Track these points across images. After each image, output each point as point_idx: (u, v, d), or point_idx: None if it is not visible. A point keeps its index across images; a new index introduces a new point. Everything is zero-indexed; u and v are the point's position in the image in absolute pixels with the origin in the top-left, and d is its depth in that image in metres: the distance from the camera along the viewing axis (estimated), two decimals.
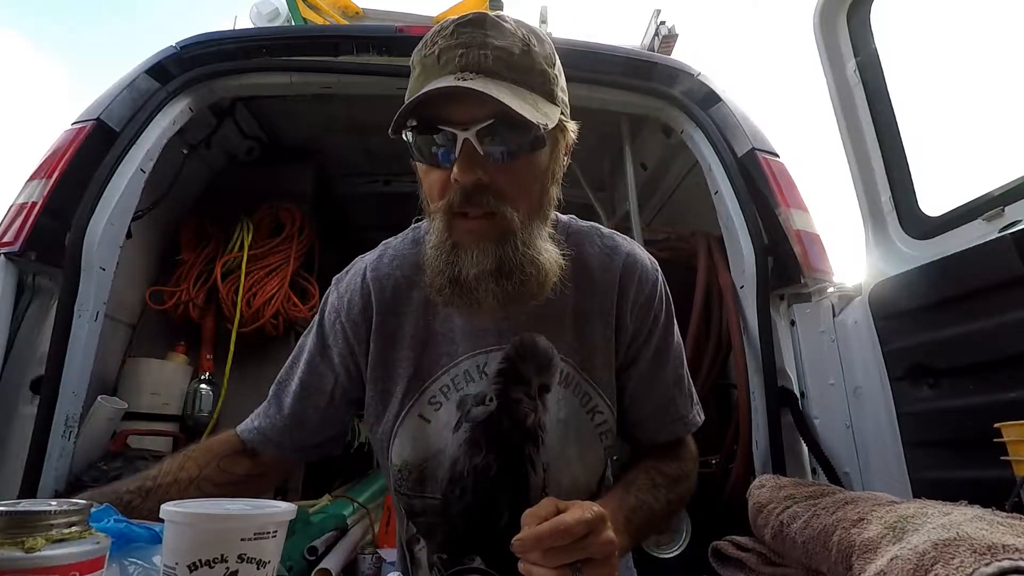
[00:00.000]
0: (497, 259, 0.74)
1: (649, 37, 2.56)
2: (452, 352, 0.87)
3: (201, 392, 2.32)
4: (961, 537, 0.63)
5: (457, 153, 0.70)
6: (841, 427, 1.49)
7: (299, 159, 2.94)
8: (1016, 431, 0.98)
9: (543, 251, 0.77)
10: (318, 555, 1.71)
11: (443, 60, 0.71)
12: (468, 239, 0.75)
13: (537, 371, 0.86)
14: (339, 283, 0.96)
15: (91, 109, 1.67)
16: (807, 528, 0.94)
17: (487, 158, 0.71)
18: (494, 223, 0.74)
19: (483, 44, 0.71)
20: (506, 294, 0.75)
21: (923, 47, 1.62)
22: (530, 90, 0.73)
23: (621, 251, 0.93)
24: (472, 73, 0.69)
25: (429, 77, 0.72)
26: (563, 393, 0.88)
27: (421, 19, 3.01)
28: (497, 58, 0.71)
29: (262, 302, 2.44)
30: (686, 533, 1.77)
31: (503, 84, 0.70)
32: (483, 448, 0.85)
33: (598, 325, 0.90)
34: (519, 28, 0.74)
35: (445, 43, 0.72)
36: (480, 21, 0.72)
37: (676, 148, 2.35)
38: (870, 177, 1.53)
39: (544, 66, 0.76)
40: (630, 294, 0.91)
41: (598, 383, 0.90)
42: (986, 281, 1.16)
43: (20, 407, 1.39)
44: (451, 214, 0.75)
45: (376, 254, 0.96)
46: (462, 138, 0.70)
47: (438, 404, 0.87)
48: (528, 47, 0.73)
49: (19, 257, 1.43)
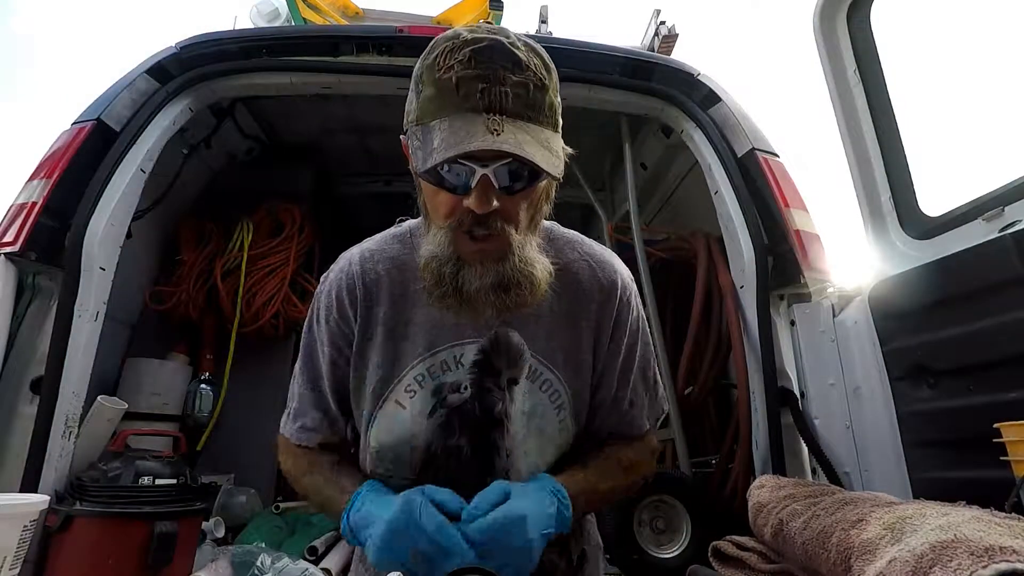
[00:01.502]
0: (497, 275, 0.79)
1: (649, 37, 2.56)
2: (431, 343, 0.92)
3: (201, 392, 2.33)
4: (959, 539, 0.63)
5: (474, 184, 0.74)
6: (841, 427, 1.49)
7: (299, 159, 2.94)
8: (1016, 431, 0.98)
9: (537, 263, 0.82)
10: (318, 555, 1.71)
11: (463, 91, 0.73)
12: (473, 257, 0.80)
13: (508, 364, 0.92)
14: (326, 281, 1.01)
15: (91, 109, 1.67)
16: (806, 529, 0.94)
17: (499, 189, 0.76)
18: (496, 243, 0.79)
19: (502, 80, 0.73)
20: (504, 305, 0.81)
21: (923, 47, 1.62)
22: (542, 126, 0.77)
23: (605, 263, 0.99)
24: (497, 115, 0.72)
25: (447, 106, 0.74)
26: (529, 387, 0.93)
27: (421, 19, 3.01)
28: (516, 96, 0.74)
29: (262, 302, 2.45)
30: (686, 533, 1.77)
31: (524, 128, 0.74)
32: (456, 431, 0.92)
33: (578, 329, 0.95)
34: (531, 58, 0.76)
35: (463, 71, 0.73)
36: (496, 48, 0.74)
37: (676, 148, 2.35)
38: (870, 177, 1.53)
39: (553, 98, 0.79)
40: (609, 306, 0.97)
41: (568, 382, 0.95)
42: (986, 281, 1.16)
43: (20, 407, 1.40)
44: (459, 232, 0.79)
45: (359, 250, 1.00)
46: (480, 173, 0.73)
47: (413, 392, 0.92)
48: (542, 82, 0.77)
49: (19, 257, 1.44)
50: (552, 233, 0.98)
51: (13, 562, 1.08)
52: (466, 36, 0.75)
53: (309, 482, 0.97)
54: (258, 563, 1.34)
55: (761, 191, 1.71)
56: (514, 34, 0.77)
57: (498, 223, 0.77)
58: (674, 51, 2.48)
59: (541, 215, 0.87)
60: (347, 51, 1.90)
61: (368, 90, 1.96)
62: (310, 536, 1.84)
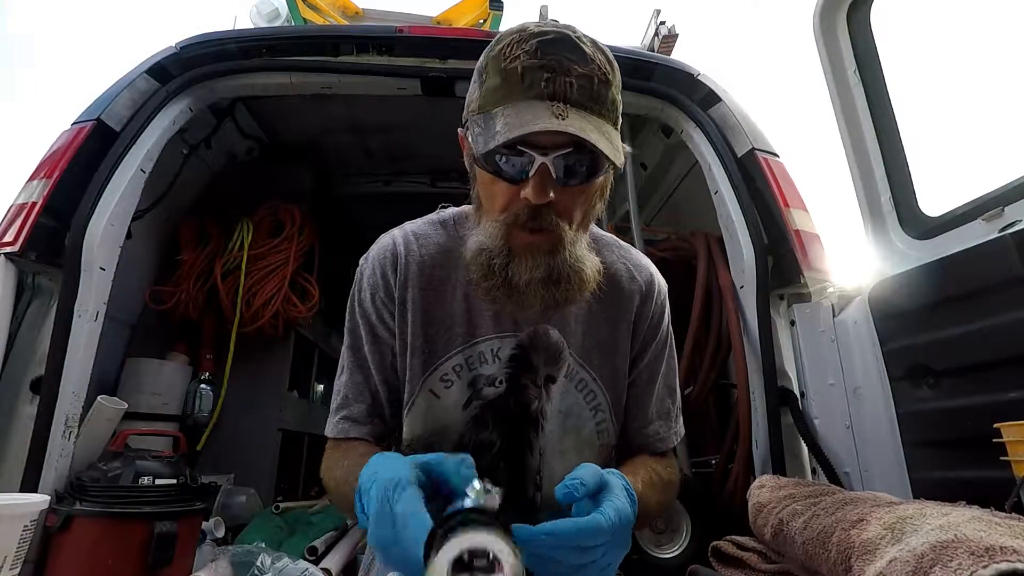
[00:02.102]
0: (547, 268, 0.78)
1: (649, 37, 2.56)
2: (470, 333, 0.91)
3: (201, 392, 2.33)
4: (959, 539, 0.63)
5: (532, 173, 0.73)
6: (841, 427, 1.49)
7: (299, 159, 2.94)
8: (1016, 431, 0.98)
9: (586, 260, 0.82)
10: (318, 555, 1.71)
11: (528, 80, 0.73)
12: (524, 250, 0.79)
13: (546, 361, 0.90)
14: (367, 262, 0.98)
15: (91, 109, 1.67)
16: (806, 529, 0.94)
17: (557, 180, 0.75)
18: (549, 237, 0.78)
19: (568, 71, 0.73)
20: (553, 299, 0.80)
21: (923, 47, 1.62)
22: (604, 120, 0.76)
23: (643, 267, 1.00)
24: (561, 103, 0.72)
25: (512, 93, 0.74)
26: (567, 386, 0.91)
27: (421, 19, 3.02)
28: (581, 87, 0.73)
29: (262, 302, 2.45)
30: (686, 533, 1.77)
31: (587, 117, 0.73)
32: (489, 425, 0.89)
33: (616, 331, 0.95)
34: (596, 53, 0.76)
35: (528, 61, 0.73)
36: (563, 41, 0.74)
37: (676, 148, 2.36)
38: (870, 177, 1.53)
39: (615, 95, 0.79)
40: (647, 311, 0.97)
41: (606, 384, 0.94)
42: (986, 281, 1.16)
43: (20, 407, 1.40)
44: (514, 226, 0.78)
45: (401, 233, 0.98)
46: (539, 161, 0.73)
47: (449, 382, 0.90)
48: (606, 77, 0.76)
49: (19, 257, 1.44)
50: (592, 233, 0.97)
51: (13, 562, 1.08)
52: (533, 29, 0.76)
53: (340, 474, 0.84)
54: (258, 563, 1.34)
55: (761, 191, 1.71)
56: (580, 31, 0.78)
57: (552, 217, 0.76)
58: (674, 51, 2.48)
59: (593, 214, 0.85)
60: (347, 51, 1.90)
61: (368, 90, 1.96)
62: (310, 536, 1.85)
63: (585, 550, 0.58)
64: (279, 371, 2.63)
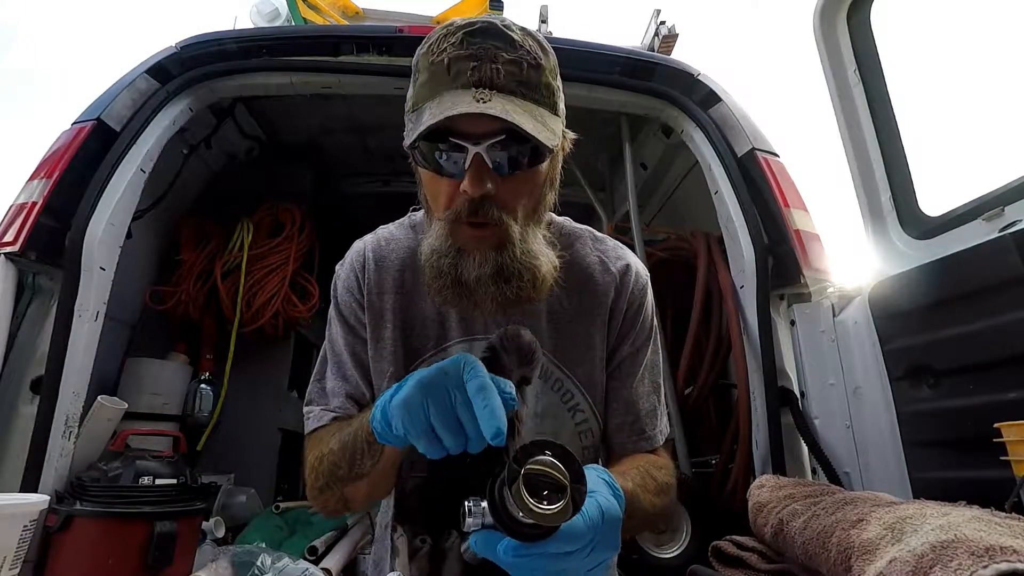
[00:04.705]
0: (496, 264, 0.76)
1: (649, 37, 2.56)
2: (442, 336, 0.90)
3: (201, 392, 2.32)
4: (959, 539, 0.63)
5: (467, 165, 0.72)
6: (841, 427, 1.49)
7: (299, 159, 2.94)
8: (1016, 431, 0.98)
9: (540, 256, 0.79)
10: (318, 555, 1.71)
11: (454, 71, 0.72)
12: (471, 245, 0.77)
13: (519, 363, 0.87)
14: (342, 267, 0.99)
15: (91, 109, 1.67)
16: (806, 529, 0.94)
17: (494, 170, 0.73)
18: (494, 232, 0.76)
19: (494, 57, 0.72)
20: (504, 297, 0.78)
21: (923, 47, 1.62)
22: (537, 104, 0.75)
23: (618, 257, 0.96)
24: (486, 90, 0.71)
25: (439, 86, 0.73)
26: (543, 388, 0.90)
27: (421, 19, 3.01)
28: (508, 73, 0.72)
29: (262, 302, 2.45)
30: (686, 533, 1.77)
31: (515, 101, 0.72)
32: None
33: (590, 327, 0.92)
34: (526, 39, 0.75)
35: (455, 52, 0.72)
36: (489, 31, 0.73)
37: (676, 148, 2.35)
38: (870, 177, 1.53)
39: (550, 79, 0.78)
40: (621, 302, 0.94)
41: (582, 382, 0.92)
42: (986, 281, 1.16)
43: (20, 407, 1.40)
44: (457, 222, 0.77)
45: (373, 237, 0.99)
46: (473, 152, 0.71)
47: None
48: (536, 61, 0.75)
49: (19, 257, 1.44)
50: (563, 228, 0.96)
51: (13, 562, 1.08)
52: (460, 22, 0.75)
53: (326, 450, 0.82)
54: (258, 563, 1.34)
55: (761, 191, 1.71)
56: (511, 21, 0.77)
57: (494, 210, 0.74)
58: (674, 51, 2.48)
59: (544, 206, 0.84)
60: (347, 51, 1.91)
61: (368, 90, 1.96)
62: (310, 536, 1.84)
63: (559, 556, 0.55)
64: (279, 371, 2.63)
